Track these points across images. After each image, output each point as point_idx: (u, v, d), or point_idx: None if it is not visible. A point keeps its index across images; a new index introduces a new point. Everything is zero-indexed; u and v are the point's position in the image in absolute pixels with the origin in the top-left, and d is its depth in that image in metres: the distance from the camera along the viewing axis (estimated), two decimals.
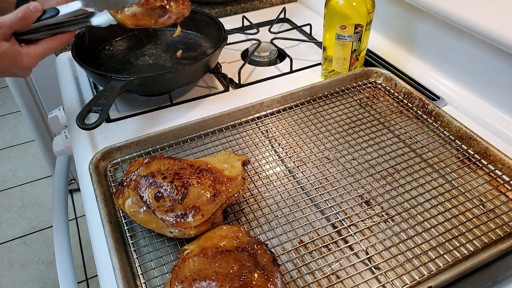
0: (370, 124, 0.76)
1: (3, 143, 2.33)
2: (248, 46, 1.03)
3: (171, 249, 0.56)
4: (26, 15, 0.62)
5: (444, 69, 0.86)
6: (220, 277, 0.46)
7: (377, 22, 0.95)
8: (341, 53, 0.83)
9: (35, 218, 1.91)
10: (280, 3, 1.25)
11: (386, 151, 0.70)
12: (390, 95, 0.82)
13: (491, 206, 0.60)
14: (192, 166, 0.58)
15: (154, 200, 0.54)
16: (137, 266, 0.54)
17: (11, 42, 0.61)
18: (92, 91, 0.90)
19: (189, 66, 0.80)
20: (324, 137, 0.73)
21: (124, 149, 0.69)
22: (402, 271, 0.52)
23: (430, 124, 0.75)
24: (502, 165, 0.65)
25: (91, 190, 0.63)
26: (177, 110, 0.83)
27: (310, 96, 0.81)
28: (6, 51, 0.60)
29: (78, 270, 1.69)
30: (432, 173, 0.66)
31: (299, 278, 0.52)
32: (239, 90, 0.89)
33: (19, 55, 0.62)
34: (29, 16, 0.62)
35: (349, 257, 0.55)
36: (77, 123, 0.64)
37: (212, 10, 1.16)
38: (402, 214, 0.59)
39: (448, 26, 0.81)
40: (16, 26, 0.61)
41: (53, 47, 0.66)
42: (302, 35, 1.11)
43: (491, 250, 0.51)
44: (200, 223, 0.53)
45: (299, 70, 0.95)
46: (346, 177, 0.66)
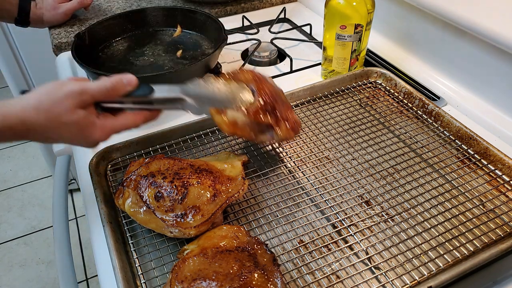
0: (370, 124, 0.76)
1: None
2: (248, 46, 1.03)
3: (171, 249, 0.56)
4: (116, 87, 0.55)
5: (444, 69, 0.86)
6: (220, 277, 0.46)
7: (377, 22, 0.95)
8: (341, 53, 0.83)
9: (35, 218, 1.92)
10: (280, 3, 1.25)
11: (386, 151, 0.70)
12: (390, 95, 0.82)
13: (491, 206, 0.60)
14: (192, 166, 0.58)
15: (154, 200, 0.54)
16: (137, 266, 0.54)
17: (89, 111, 0.54)
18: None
19: (189, 66, 0.80)
20: (324, 137, 0.73)
21: (124, 149, 0.69)
22: (402, 271, 0.52)
23: (430, 124, 0.75)
24: (502, 165, 0.65)
25: (91, 190, 0.63)
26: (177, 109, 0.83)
27: (310, 96, 0.81)
28: (79, 121, 0.53)
29: (78, 270, 1.69)
30: (432, 173, 0.66)
31: (299, 278, 0.52)
32: None
33: (92, 127, 0.54)
34: (119, 89, 0.55)
35: (349, 257, 0.55)
36: None
37: (212, 10, 1.16)
38: (402, 214, 0.59)
39: (448, 26, 0.81)
40: (100, 97, 0.54)
41: (133, 124, 0.57)
42: (302, 35, 1.11)
43: (491, 250, 0.51)
44: (200, 223, 0.53)
45: (299, 70, 0.95)
46: (346, 177, 0.66)
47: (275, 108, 0.61)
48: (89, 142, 0.56)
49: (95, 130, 0.55)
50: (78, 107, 0.53)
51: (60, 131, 0.53)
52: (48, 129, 0.52)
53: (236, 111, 0.59)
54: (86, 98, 0.53)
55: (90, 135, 0.55)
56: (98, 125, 0.55)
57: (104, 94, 0.54)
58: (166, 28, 1.00)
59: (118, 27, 0.97)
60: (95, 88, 0.54)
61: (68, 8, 1.08)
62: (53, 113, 0.52)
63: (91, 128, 0.54)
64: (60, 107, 0.52)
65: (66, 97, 0.52)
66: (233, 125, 0.59)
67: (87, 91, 0.53)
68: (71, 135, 0.54)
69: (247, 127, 0.60)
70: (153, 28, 1.00)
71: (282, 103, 0.63)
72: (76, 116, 0.53)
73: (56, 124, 0.52)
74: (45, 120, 0.51)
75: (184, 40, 0.97)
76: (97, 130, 0.55)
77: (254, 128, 0.60)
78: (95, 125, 0.55)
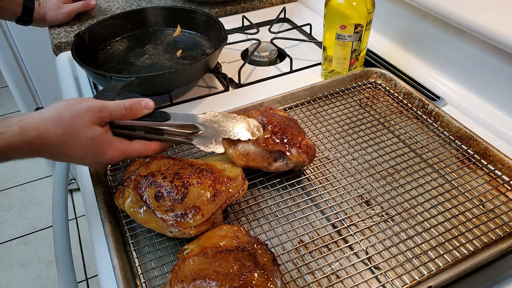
0: (370, 124, 0.76)
1: None
2: (248, 46, 1.03)
3: (171, 249, 0.56)
4: (134, 107, 0.56)
5: (444, 69, 0.86)
6: (220, 276, 0.46)
7: (377, 22, 0.95)
8: (341, 53, 0.83)
9: (35, 218, 1.91)
10: (280, 3, 1.25)
11: (386, 151, 0.70)
12: (390, 95, 0.82)
13: (491, 206, 0.60)
14: (192, 166, 0.58)
15: (154, 200, 0.54)
16: (137, 265, 0.54)
17: (105, 129, 0.55)
18: (92, 91, 0.90)
19: (189, 66, 0.80)
20: (324, 137, 0.73)
21: None
22: (402, 271, 0.52)
23: (430, 124, 0.75)
24: (502, 165, 0.65)
25: (91, 190, 0.63)
26: (177, 110, 0.83)
27: (310, 96, 0.81)
28: (96, 138, 0.53)
29: (78, 270, 1.69)
30: (432, 173, 0.66)
31: (299, 278, 0.52)
32: (239, 90, 0.89)
33: (107, 146, 0.55)
34: (137, 109, 0.56)
35: (349, 257, 0.55)
36: None
37: (212, 10, 1.16)
38: (402, 214, 0.59)
39: (448, 26, 0.81)
40: (118, 115, 0.55)
41: (146, 151, 0.58)
42: (302, 35, 1.11)
43: (491, 250, 0.52)
44: (200, 223, 0.53)
45: (299, 70, 0.95)
46: (346, 177, 0.66)
47: (285, 134, 0.62)
48: (100, 161, 0.56)
49: (109, 150, 0.55)
50: (97, 124, 0.54)
51: (75, 146, 0.53)
52: (64, 143, 0.52)
53: (247, 143, 0.61)
54: (105, 115, 0.54)
55: (103, 154, 0.55)
56: (113, 145, 0.55)
57: (121, 113, 0.55)
58: (166, 28, 1.00)
59: (118, 27, 0.97)
60: (113, 106, 0.55)
61: (72, 9, 1.08)
62: (72, 126, 0.52)
63: (106, 146, 0.55)
64: (79, 121, 0.52)
65: (85, 111, 0.53)
66: (246, 156, 0.61)
67: (106, 108, 0.54)
68: (85, 152, 0.54)
69: (259, 158, 0.62)
70: (153, 28, 1.00)
71: (293, 130, 0.64)
72: (93, 132, 0.53)
73: (73, 138, 0.52)
74: (62, 133, 0.51)
75: (184, 40, 0.97)
76: (111, 149, 0.55)
77: (267, 157, 0.62)
78: (111, 144, 0.55)
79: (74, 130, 0.52)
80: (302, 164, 0.62)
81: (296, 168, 0.64)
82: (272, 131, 0.62)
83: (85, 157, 0.54)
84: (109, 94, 0.69)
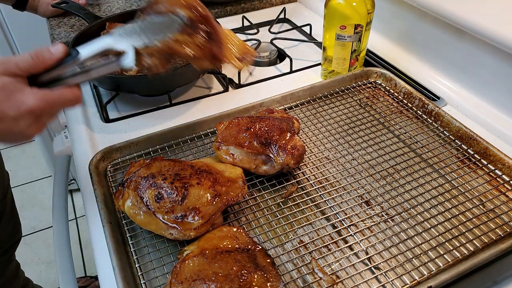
0: (370, 124, 0.76)
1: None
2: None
3: (171, 250, 0.56)
4: (40, 54, 0.49)
5: (444, 69, 0.86)
6: (220, 278, 0.46)
7: (377, 22, 0.95)
8: (341, 53, 0.83)
9: (35, 218, 1.91)
10: (280, 3, 1.25)
11: (386, 151, 0.70)
12: (390, 95, 0.82)
13: (491, 206, 0.60)
14: (192, 167, 0.58)
15: (154, 201, 0.54)
16: (137, 266, 0.54)
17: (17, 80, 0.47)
18: (92, 91, 0.90)
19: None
20: (324, 137, 0.73)
21: (124, 149, 0.69)
22: (402, 271, 0.52)
23: (430, 124, 0.75)
24: (502, 165, 0.65)
25: (91, 190, 0.63)
26: (176, 110, 0.83)
27: (310, 96, 0.81)
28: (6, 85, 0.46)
29: (78, 270, 1.69)
30: (432, 173, 0.66)
31: (299, 278, 0.52)
32: (239, 90, 0.89)
33: (20, 92, 0.46)
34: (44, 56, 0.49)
35: (349, 257, 0.55)
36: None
37: (212, 10, 1.16)
38: (402, 214, 0.59)
39: (448, 26, 0.81)
40: (25, 65, 0.48)
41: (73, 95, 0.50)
42: (302, 35, 1.11)
43: (491, 250, 0.52)
44: (200, 225, 0.53)
45: (299, 70, 0.95)
46: (346, 177, 0.66)
47: (271, 136, 0.63)
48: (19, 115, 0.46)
49: (25, 96, 0.46)
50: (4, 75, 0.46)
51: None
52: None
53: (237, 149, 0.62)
54: (11, 66, 0.47)
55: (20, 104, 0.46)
56: (29, 91, 0.47)
57: (29, 63, 0.48)
58: None
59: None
60: (19, 57, 0.48)
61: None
62: None
63: (19, 93, 0.46)
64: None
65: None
66: (232, 157, 0.63)
67: (11, 59, 0.48)
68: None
69: (245, 160, 0.63)
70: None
71: (281, 131, 0.63)
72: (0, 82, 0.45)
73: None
74: None
75: None
76: (28, 95, 0.46)
77: (254, 160, 0.62)
78: (23, 91, 0.46)
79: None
80: (288, 166, 0.62)
81: (284, 170, 0.64)
82: (256, 133, 0.63)
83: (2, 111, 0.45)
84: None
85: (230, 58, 0.56)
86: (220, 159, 0.64)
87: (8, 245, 1.08)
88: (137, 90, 0.85)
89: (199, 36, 0.52)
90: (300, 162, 0.63)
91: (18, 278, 1.17)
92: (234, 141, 0.63)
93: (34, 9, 1.12)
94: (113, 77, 0.79)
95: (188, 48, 0.51)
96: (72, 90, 0.50)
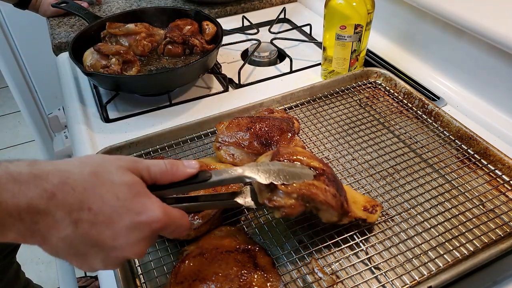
0: (370, 124, 0.76)
1: (3, 143, 2.33)
2: (248, 46, 1.03)
3: (171, 250, 0.56)
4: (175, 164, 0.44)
5: (444, 69, 0.86)
6: (220, 277, 0.46)
7: (377, 22, 0.95)
8: (341, 53, 0.83)
9: None
10: (280, 3, 1.25)
11: (386, 151, 0.70)
12: (390, 95, 0.82)
13: (491, 206, 0.60)
14: None
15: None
16: (137, 266, 0.54)
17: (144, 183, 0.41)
18: (92, 91, 0.90)
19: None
20: (324, 137, 0.73)
21: (124, 149, 0.69)
22: (402, 271, 0.52)
23: (430, 124, 0.75)
24: (502, 165, 0.65)
25: None
26: (176, 110, 0.83)
27: (310, 96, 0.81)
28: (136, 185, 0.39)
29: (78, 270, 1.69)
30: (432, 173, 0.66)
31: (299, 278, 0.52)
32: (239, 90, 0.89)
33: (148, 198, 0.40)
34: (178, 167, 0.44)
35: (349, 257, 0.54)
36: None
37: (212, 10, 1.16)
38: (402, 214, 0.59)
39: (448, 26, 0.81)
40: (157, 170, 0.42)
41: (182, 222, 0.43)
42: (302, 35, 1.11)
43: (491, 250, 0.51)
44: (200, 225, 0.53)
45: (299, 70, 0.95)
46: (346, 177, 0.66)
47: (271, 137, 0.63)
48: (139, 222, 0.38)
49: (150, 203, 0.39)
50: (132, 172, 0.40)
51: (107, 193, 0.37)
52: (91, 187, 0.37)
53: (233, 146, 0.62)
54: (141, 167, 0.41)
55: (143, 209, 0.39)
56: (154, 199, 0.40)
57: (162, 171, 0.43)
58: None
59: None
60: (151, 161, 0.43)
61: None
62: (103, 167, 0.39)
63: (146, 199, 0.39)
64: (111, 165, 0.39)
65: (118, 158, 0.41)
66: (232, 157, 0.62)
67: (143, 161, 0.42)
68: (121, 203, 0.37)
69: (246, 160, 0.62)
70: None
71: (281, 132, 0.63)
72: (130, 178, 0.39)
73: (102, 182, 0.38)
74: (90, 173, 0.37)
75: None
76: (153, 204, 0.40)
77: (253, 160, 0.61)
78: (151, 197, 0.40)
79: (105, 172, 0.38)
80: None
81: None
82: (256, 134, 0.63)
83: (119, 213, 0.37)
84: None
85: (358, 212, 0.55)
86: (220, 159, 0.63)
87: (9, 249, 1.08)
88: (137, 90, 0.85)
89: (331, 185, 0.51)
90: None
91: (19, 280, 1.17)
92: (234, 141, 0.63)
93: (35, 9, 1.13)
94: (113, 77, 0.79)
95: (324, 194, 0.50)
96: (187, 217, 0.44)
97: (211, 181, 0.45)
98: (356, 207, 0.55)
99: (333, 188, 0.51)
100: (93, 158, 0.40)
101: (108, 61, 0.81)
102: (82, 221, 0.36)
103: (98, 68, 0.81)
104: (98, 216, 0.36)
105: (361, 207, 0.56)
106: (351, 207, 0.54)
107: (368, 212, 0.55)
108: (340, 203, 0.51)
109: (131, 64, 0.84)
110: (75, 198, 0.36)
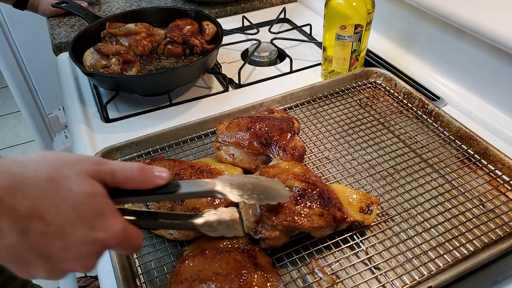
0: (370, 124, 0.76)
1: (3, 143, 2.33)
2: (248, 46, 1.03)
3: (171, 250, 0.56)
4: (145, 171, 0.40)
5: (444, 69, 0.86)
6: (220, 278, 0.46)
7: (377, 22, 0.95)
8: (341, 53, 0.83)
9: None
10: (280, 3, 1.25)
11: (386, 151, 0.70)
12: (390, 95, 0.82)
13: (491, 206, 0.60)
14: (193, 167, 0.58)
15: (154, 202, 0.54)
16: (137, 266, 0.54)
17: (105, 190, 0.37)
18: (92, 91, 0.90)
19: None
20: (324, 137, 0.73)
21: (124, 149, 0.69)
22: (402, 271, 0.52)
23: (430, 124, 0.75)
24: (502, 165, 0.65)
25: None
26: (176, 110, 0.83)
27: (310, 96, 0.81)
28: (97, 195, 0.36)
29: None
30: (432, 173, 0.66)
31: (299, 278, 0.52)
32: (239, 90, 0.89)
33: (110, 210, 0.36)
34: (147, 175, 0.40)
35: (349, 257, 0.54)
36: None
37: (212, 10, 1.16)
38: (402, 214, 0.59)
39: (448, 26, 0.81)
40: (123, 176, 0.38)
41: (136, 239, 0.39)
42: (302, 35, 1.11)
43: (491, 250, 0.51)
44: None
45: (299, 70, 0.95)
46: (346, 177, 0.66)
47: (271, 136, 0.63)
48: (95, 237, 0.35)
49: (111, 217, 0.36)
50: (94, 178, 0.36)
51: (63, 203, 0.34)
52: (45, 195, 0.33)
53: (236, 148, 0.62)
54: (105, 170, 0.37)
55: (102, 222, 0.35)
56: (116, 213, 0.37)
57: (129, 176, 0.39)
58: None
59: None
60: (117, 163, 0.39)
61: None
62: (60, 172, 0.35)
63: (107, 211, 0.36)
64: (70, 169, 0.35)
65: (78, 160, 0.37)
66: (232, 157, 0.63)
67: (108, 163, 0.38)
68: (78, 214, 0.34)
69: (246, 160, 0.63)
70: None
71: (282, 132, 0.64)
72: (92, 187, 0.35)
73: (59, 190, 0.34)
74: (46, 179, 0.34)
75: None
76: (113, 218, 0.36)
77: (254, 160, 0.63)
78: (113, 211, 0.37)
79: (63, 178, 0.34)
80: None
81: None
82: (256, 134, 0.63)
83: (74, 225, 0.34)
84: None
85: (355, 215, 0.55)
86: (220, 159, 0.63)
87: None
88: (137, 90, 0.85)
89: (315, 205, 0.51)
90: (300, 162, 0.63)
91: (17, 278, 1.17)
92: (234, 141, 0.63)
93: (34, 9, 1.13)
94: (113, 77, 0.79)
95: (309, 220, 0.50)
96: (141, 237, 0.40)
97: (179, 193, 0.42)
98: (352, 209, 0.55)
99: (318, 207, 0.51)
100: (50, 160, 0.36)
101: (108, 61, 0.81)
102: (30, 230, 0.32)
103: (98, 68, 0.81)
104: (50, 226, 0.33)
105: (357, 208, 0.56)
106: (347, 211, 0.54)
107: (365, 213, 0.55)
108: (331, 217, 0.52)
109: (131, 64, 0.84)
110: (25, 205, 0.32)
